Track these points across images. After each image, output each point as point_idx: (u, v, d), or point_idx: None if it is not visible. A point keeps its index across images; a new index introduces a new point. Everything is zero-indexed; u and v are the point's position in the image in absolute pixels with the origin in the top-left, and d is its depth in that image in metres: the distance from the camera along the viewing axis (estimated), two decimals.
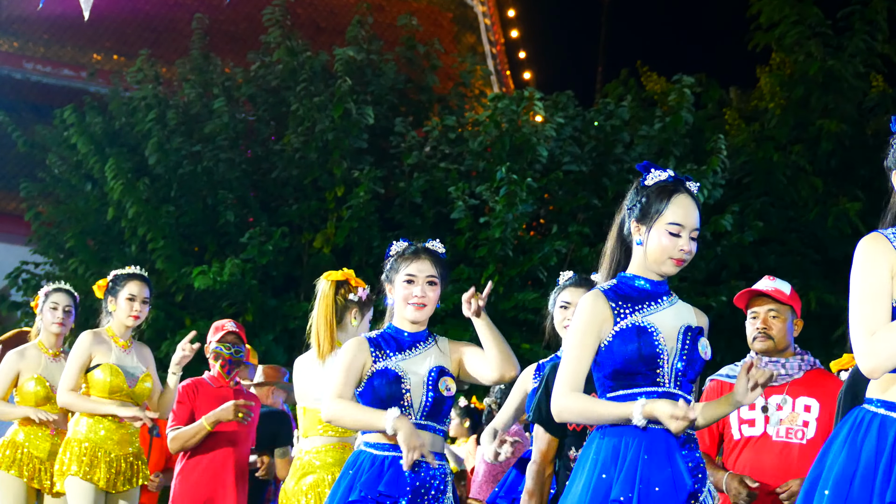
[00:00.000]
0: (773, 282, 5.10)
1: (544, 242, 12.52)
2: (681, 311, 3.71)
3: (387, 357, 4.16)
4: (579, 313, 3.62)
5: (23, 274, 14.18)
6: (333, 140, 13.09)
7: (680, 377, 3.61)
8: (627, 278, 3.69)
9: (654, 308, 3.65)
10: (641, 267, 3.68)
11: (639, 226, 3.66)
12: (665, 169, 3.71)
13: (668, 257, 3.62)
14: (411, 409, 4.11)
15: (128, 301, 6.28)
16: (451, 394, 4.17)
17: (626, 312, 3.61)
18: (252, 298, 12.48)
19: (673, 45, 28.32)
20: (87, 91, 17.47)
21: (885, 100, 15.25)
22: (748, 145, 14.84)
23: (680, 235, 3.62)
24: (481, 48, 23.86)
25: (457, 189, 12.42)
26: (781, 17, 15.17)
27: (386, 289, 4.29)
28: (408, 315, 4.22)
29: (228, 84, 14.49)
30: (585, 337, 3.59)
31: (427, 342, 4.25)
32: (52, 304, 6.81)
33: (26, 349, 6.73)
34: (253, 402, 6.78)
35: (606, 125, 13.60)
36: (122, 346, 6.26)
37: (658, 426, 3.52)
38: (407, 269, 4.21)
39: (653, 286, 3.67)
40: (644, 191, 3.68)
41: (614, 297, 3.63)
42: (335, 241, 12.90)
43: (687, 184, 3.70)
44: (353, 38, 14.51)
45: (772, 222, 13.99)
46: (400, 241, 4.30)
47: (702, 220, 3.78)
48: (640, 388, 3.57)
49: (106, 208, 13.27)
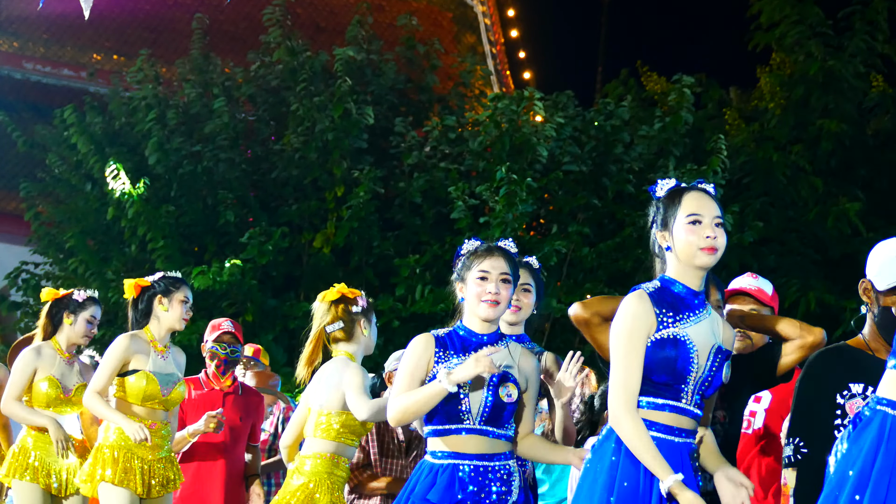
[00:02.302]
0: (756, 280, 5.02)
1: (544, 242, 12.51)
2: (714, 324, 3.72)
3: (448, 359, 4.07)
4: (625, 316, 3.61)
5: (23, 274, 14.19)
6: (333, 140, 13.09)
7: (699, 397, 3.66)
8: (668, 281, 3.70)
9: (692, 320, 3.66)
10: (677, 271, 3.69)
11: (663, 233, 3.69)
12: (664, 176, 3.77)
13: (698, 248, 3.63)
14: (469, 414, 4.01)
15: (182, 304, 6.15)
16: (511, 400, 4.05)
17: (668, 322, 3.62)
18: (252, 298, 12.48)
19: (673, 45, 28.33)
20: (87, 91, 17.46)
21: (885, 100, 15.25)
22: (748, 145, 14.84)
23: (701, 222, 3.64)
24: (481, 48, 23.85)
25: (457, 189, 12.42)
26: (782, 17, 15.17)
27: (457, 287, 4.21)
28: (480, 313, 4.11)
29: (228, 84, 14.49)
30: (636, 341, 3.59)
31: (497, 345, 4.15)
32: (90, 316, 6.72)
33: (42, 348, 6.63)
34: (221, 410, 6.64)
35: (606, 125, 13.60)
36: (161, 352, 6.14)
37: (675, 438, 3.58)
38: (480, 266, 4.12)
39: (689, 294, 3.68)
40: (657, 203, 3.74)
41: (658, 302, 3.64)
42: (335, 241, 12.90)
43: (698, 185, 3.74)
44: (353, 38, 14.51)
45: (772, 222, 13.99)
46: (472, 239, 4.24)
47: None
48: (661, 399, 3.61)
49: (106, 208, 13.27)
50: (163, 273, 6.25)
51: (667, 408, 3.60)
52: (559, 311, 12.43)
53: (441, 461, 4.02)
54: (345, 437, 5.15)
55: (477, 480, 3.99)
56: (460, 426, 4.01)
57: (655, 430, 3.57)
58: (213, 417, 6.48)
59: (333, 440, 5.14)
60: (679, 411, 3.61)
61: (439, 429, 4.04)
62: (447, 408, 4.01)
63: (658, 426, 3.58)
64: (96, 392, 5.95)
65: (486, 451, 4.02)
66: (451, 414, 4.01)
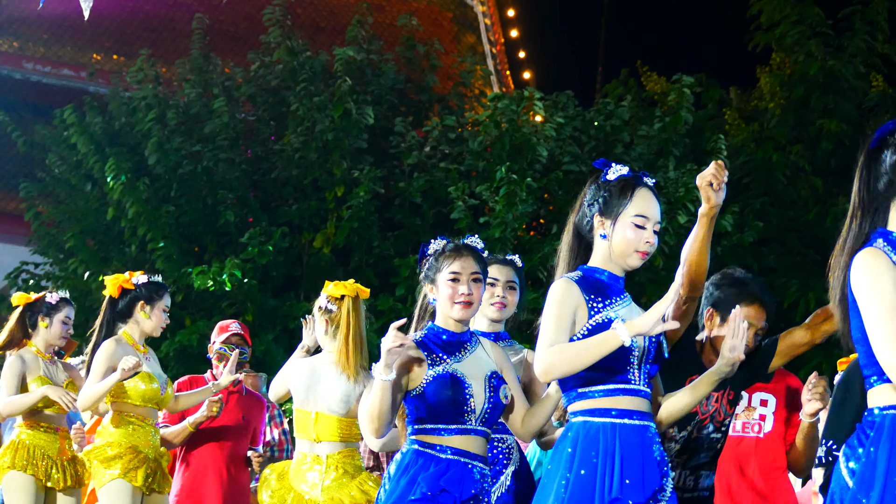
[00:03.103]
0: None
1: (544, 242, 12.51)
2: (636, 309, 3.75)
3: (442, 361, 4.02)
4: (553, 299, 3.62)
5: (23, 274, 14.19)
6: (333, 140, 13.10)
7: (646, 376, 3.68)
8: (592, 269, 3.72)
9: (620, 304, 3.68)
10: (605, 260, 3.71)
11: (602, 220, 3.69)
12: (623, 164, 3.76)
13: (635, 250, 3.66)
14: (472, 415, 3.97)
15: (162, 312, 6.25)
16: (507, 402, 4.05)
17: (598, 307, 3.63)
18: (252, 298, 12.48)
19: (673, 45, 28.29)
20: (87, 91, 17.47)
21: (885, 100, 15.25)
22: (748, 145, 14.84)
23: (645, 228, 3.66)
24: (481, 48, 23.85)
25: (457, 189, 12.42)
26: (782, 17, 15.18)
27: (426, 289, 4.18)
28: (454, 315, 4.08)
29: (228, 84, 14.49)
30: (562, 319, 3.60)
31: (472, 343, 4.14)
32: (65, 317, 6.78)
33: (23, 353, 6.71)
34: (221, 396, 6.68)
35: (606, 125, 13.60)
36: (143, 353, 6.22)
37: (632, 422, 3.58)
38: (450, 268, 4.08)
39: (614, 281, 3.71)
40: (606, 186, 3.71)
41: (585, 288, 3.65)
42: (335, 241, 12.90)
43: (645, 179, 3.74)
44: (353, 38, 14.51)
45: (772, 222, 14.00)
46: (438, 239, 4.19)
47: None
48: (612, 385, 3.62)
49: (106, 208, 13.27)
50: (147, 278, 6.28)
51: (619, 392, 3.61)
52: None
53: (449, 456, 3.96)
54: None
55: (480, 481, 3.99)
56: (461, 426, 3.99)
57: (613, 416, 3.59)
58: (214, 402, 6.53)
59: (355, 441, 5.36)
60: (632, 393, 3.62)
61: (437, 428, 4.00)
62: (452, 409, 3.97)
63: (615, 411, 3.60)
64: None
65: (481, 452, 4.03)
66: (456, 414, 3.98)
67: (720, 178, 3.82)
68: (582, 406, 3.66)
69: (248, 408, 7.00)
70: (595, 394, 3.62)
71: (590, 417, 3.62)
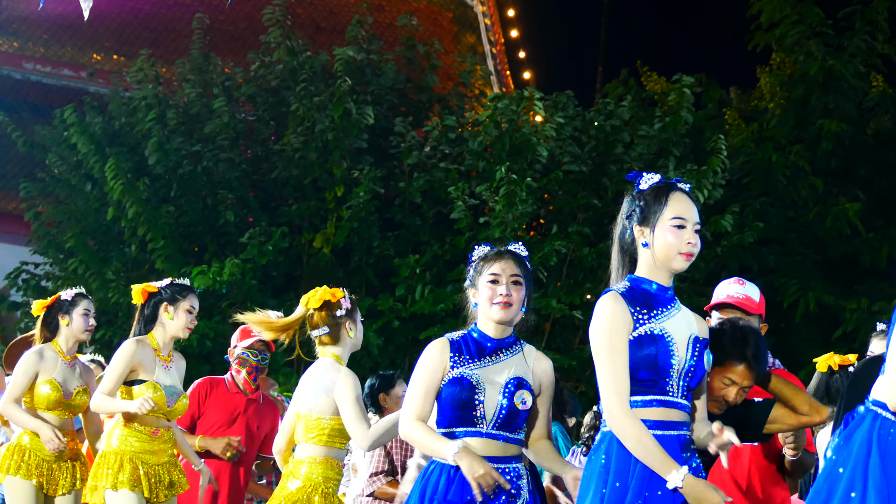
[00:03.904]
0: (742, 287, 4.87)
1: (544, 242, 12.51)
2: (688, 318, 3.74)
3: (464, 363, 4.05)
4: (603, 318, 3.61)
5: (23, 274, 14.19)
6: (333, 140, 13.10)
7: (685, 388, 3.67)
8: (638, 280, 3.71)
9: (665, 314, 3.67)
10: (650, 269, 3.70)
11: (642, 229, 3.69)
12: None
13: (678, 252, 3.65)
14: (483, 420, 4.01)
15: (187, 313, 6.13)
16: (526, 407, 4.06)
17: (643, 318, 3.63)
18: (252, 298, 12.48)
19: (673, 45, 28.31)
20: (87, 91, 17.47)
21: (885, 100, 15.26)
22: (748, 145, 14.84)
23: (685, 227, 3.66)
24: (481, 48, 23.86)
25: (457, 189, 12.42)
26: (782, 17, 15.18)
27: (470, 294, 4.20)
28: (493, 315, 4.09)
29: (228, 84, 14.49)
30: (617, 343, 3.59)
31: (512, 350, 4.14)
32: (84, 310, 6.74)
33: (44, 350, 6.64)
34: (240, 439, 6.69)
35: (606, 125, 13.60)
36: (165, 361, 6.12)
37: (665, 432, 3.58)
38: (490, 269, 4.12)
39: (661, 290, 3.70)
40: (641, 195, 3.72)
41: (631, 300, 3.64)
42: (335, 241, 12.90)
43: (679, 184, 3.75)
44: (353, 38, 14.51)
45: (772, 222, 14.00)
46: (483, 245, 4.25)
47: (702, 221, 3.81)
48: (650, 396, 3.62)
49: (106, 208, 13.27)
50: (171, 280, 6.22)
51: (655, 403, 3.61)
52: (559, 312, 12.44)
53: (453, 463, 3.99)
54: (336, 441, 5.14)
55: None
56: (473, 430, 4.02)
57: (650, 427, 3.57)
58: (232, 447, 6.51)
59: (325, 444, 5.12)
60: (669, 405, 3.62)
61: (452, 431, 4.03)
62: (462, 413, 4.01)
63: (649, 423, 3.59)
64: (104, 395, 5.96)
65: (497, 454, 4.03)
66: (466, 418, 4.02)
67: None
68: None
69: (262, 417, 6.97)
70: (632, 405, 3.60)
71: None
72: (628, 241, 3.74)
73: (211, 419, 6.73)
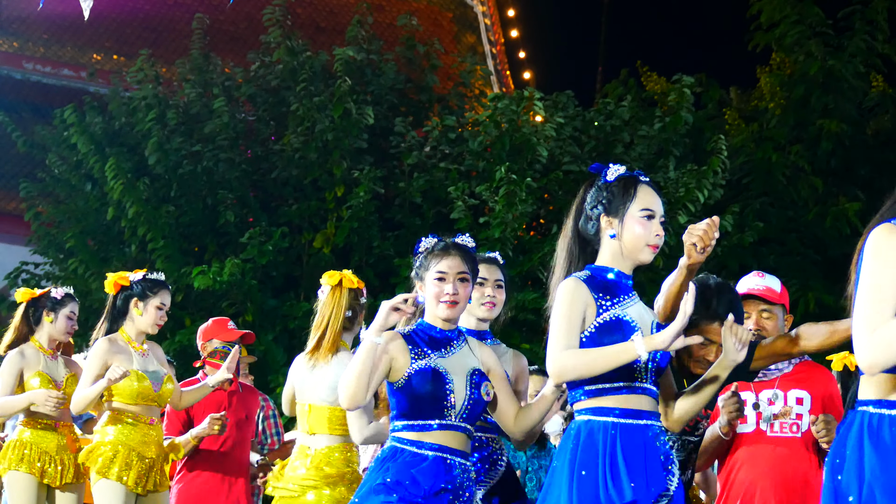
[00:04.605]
0: (763, 279, 4.96)
1: (544, 242, 12.51)
2: (645, 307, 3.78)
3: (426, 355, 4.05)
4: (563, 298, 3.63)
5: (23, 274, 14.19)
6: (333, 140, 13.10)
7: (653, 373, 3.69)
8: (600, 269, 3.74)
9: (628, 302, 3.71)
10: (615, 259, 3.74)
11: (610, 219, 3.73)
12: (622, 164, 3.80)
13: (645, 244, 3.70)
14: (452, 411, 4.00)
15: (157, 310, 6.23)
16: (489, 398, 4.08)
17: (607, 305, 3.65)
18: (252, 298, 12.49)
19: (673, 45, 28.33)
20: (87, 91, 17.47)
21: (885, 100, 15.26)
22: (748, 145, 14.85)
23: (653, 219, 3.71)
24: (481, 48, 23.87)
25: (457, 189, 12.42)
26: (782, 17, 15.18)
27: (416, 286, 4.21)
28: (440, 313, 4.11)
29: (228, 84, 14.49)
30: (573, 319, 3.61)
31: (459, 341, 4.15)
32: (70, 312, 6.78)
33: (24, 349, 6.71)
34: (225, 413, 6.68)
35: (606, 125, 13.60)
36: (141, 351, 6.21)
37: (635, 421, 3.59)
38: (437, 267, 4.12)
39: (623, 279, 3.74)
40: (607, 186, 3.77)
41: (593, 287, 3.67)
42: (335, 241, 12.90)
43: (642, 177, 3.79)
44: (353, 38, 14.51)
45: (771, 222, 14.00)
46: (429, 237, 4.24)
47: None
48: (619, 383, 3.62)
49: (106, 208, 13.27)
50: (143, 274, 6.28)
51: (625, 390, 3.62)
52: None
53: (428, 452, 3.97)
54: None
55: (458, 475, 3.99)
56: (442, 422, 4.01)
57: (616, 416, 3.59)
58: (217, 420, 6.52)
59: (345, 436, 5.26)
60: (638, 391, 3.64)
61: (419, 423, 4.01)
62: (431, 404, 4.00)
63: (618, 411, 3.60)
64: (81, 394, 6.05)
65: (461, 448, 4.03)
66: (436, 410, 4.00)
67: (707, 241, 3.70)
68: (586, 405, 3.67)
69: (249, 405, 7.04)
70: (600, 392, 3.63)
71: (593, 416, 3.63)
72: (591, 232, 3.77)
73: (199, 419, 6.73)
